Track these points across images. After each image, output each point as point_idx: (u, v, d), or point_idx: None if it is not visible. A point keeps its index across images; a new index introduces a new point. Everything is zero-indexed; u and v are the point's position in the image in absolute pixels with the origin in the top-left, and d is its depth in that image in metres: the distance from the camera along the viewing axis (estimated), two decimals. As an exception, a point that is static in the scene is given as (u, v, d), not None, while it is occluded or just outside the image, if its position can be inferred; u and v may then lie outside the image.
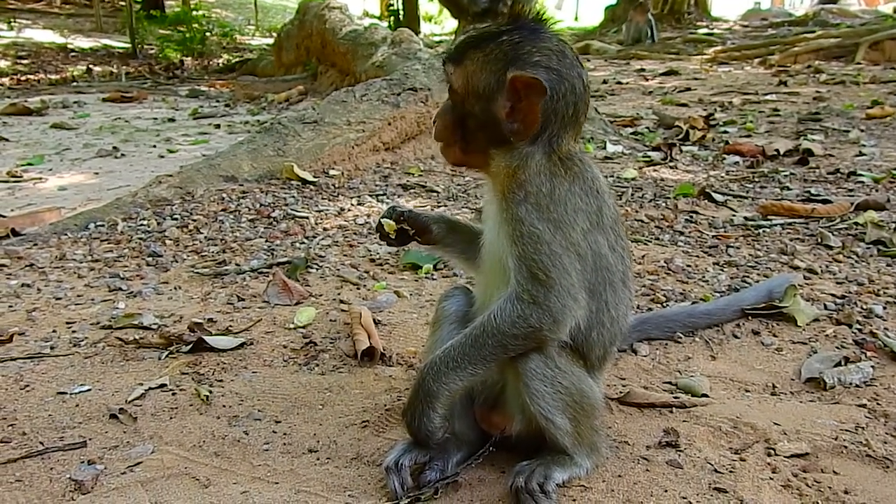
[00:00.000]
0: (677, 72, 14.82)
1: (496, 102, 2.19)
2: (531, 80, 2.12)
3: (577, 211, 2.21)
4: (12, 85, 16.91)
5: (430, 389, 2.23)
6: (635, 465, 2.45)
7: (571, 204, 2.21)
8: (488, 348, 2.19)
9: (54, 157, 8.79)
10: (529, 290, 2.15)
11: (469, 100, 2.24)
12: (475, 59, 2.22)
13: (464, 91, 2.25)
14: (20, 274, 4.32)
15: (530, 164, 2.20)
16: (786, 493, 2.31)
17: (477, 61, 2.21)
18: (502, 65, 2.17)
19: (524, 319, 2.15)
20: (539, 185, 2.19)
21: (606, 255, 2.29)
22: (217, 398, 2.93)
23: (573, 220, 2.20)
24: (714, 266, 4.26)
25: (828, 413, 2.77)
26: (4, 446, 2.61)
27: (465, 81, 2.24)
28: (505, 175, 2.23)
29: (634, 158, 7.13)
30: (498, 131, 2.21)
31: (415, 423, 2.28)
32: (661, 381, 3.05)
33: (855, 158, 6.89)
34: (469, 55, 2.24)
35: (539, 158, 2.21)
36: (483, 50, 2.21)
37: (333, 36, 13.08)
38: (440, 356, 2.24)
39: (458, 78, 2.26)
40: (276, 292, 3.87)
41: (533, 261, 2.14)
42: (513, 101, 2.16)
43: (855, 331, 3.44)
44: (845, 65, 14.43)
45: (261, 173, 6.05)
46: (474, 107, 2.23)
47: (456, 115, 2.30)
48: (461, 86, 2.25)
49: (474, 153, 2.31)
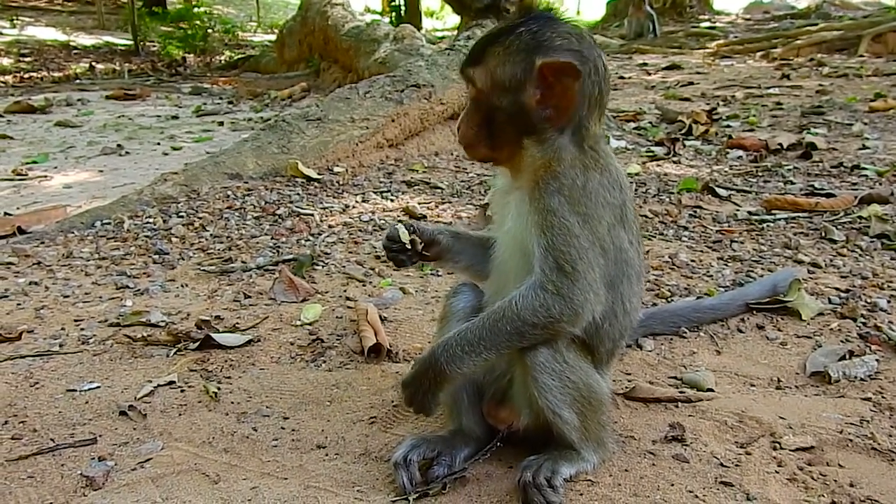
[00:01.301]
0: (680, 66, 14.80)
1: (525, 92, 2.19)
2: (563, 64, 2.13)
3: (606, 205, 2.24)
4: (15, 83, 16.91)
5: (441, 369, 2.23)
6: (642, 459, 2.47)
7: (601, 198, 2.23)
8: (505, 334, 2.19)
9: (59, 154, 8.81)
10: (554, 280, 2.16)
11: (495, 95, 2.23)
12: (496, 53, 2.22)
13: (489, 88, 2.24)
14: (28, 272, 4.34)
15: (564, 155, 2.22)
16: (792, 487, 2.33)
17: (499, 55, 2.21)
18: (526, 54, 2.17)
19: (546, 309, 2.16)
20: (573, 177, 2.21)
21: (627, 250, 2.32)
22: (225, 395, 2.95)
23: (601, 214, 2.23)
24: (718, 261, 4.27)
25: (833, 407, 2.79)
26: (16, 443, 2.63)
27: (490, 77, 2.23)
28: (538, 166, 2.23)
29: (637, 153, 7.13)
30: (528, 122, 2.22)
31: (417, 396, 2.29)
32: (666, 375, 3.07)
33: (858, 152, 6.89)
34: (489, 52, 2.24)
35: (572, 149, 2.24)
36: (503, 44, 2.21)
37: (336, 32, 13.08)
38: (455, 337, 2.24)
39: (481, 77, 2.25)
40: (282, 289, 3.89)
41: (561, 252, 2.16)
42: (543, 88, 2.17)
43: (859, 324, 3.45)
44: (848, 57, 14.41)
45: (265, 171, 6.07)
46: (502, 101, 2.22)
47: (482, 114, 2.28)
48: (486, 83, 2.24)
49: (503, 148, 2.30)
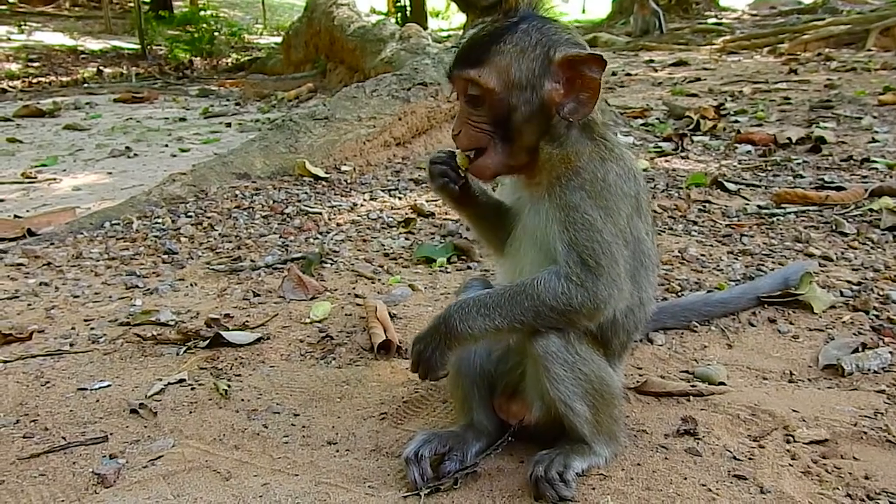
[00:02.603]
0: (686, 62, 14.76)
1: (543, 88, 2.16)
2: (588, 56, 2.12)
3: (624, 196, 2.24)
4: (24, 87, 17.00)
5: (454, 326, 2.19)
6: (654, 453, 2.46)
7: (619, 189, 2.23)
8: (521, 308, 2.17)
9: (67, 157, 8.84)
10: (578, 273, 2.15)
11: (511, 94, 2.17)
12: (506, 52, 2.16)
13: (502, 87, 2.17)
14: (38, 273, 4.36)
15: (582, 149, 2.22)
16: (806, 480, 2.31)
17: (509, 54, 2.16)
18: (542, 49, 2.15)
19: (567, 298, 2.15)
20: (594, 171, 2.20)
21: (644, 241, 2.33)
22: (236, 392, 2.95)
23: (621, 206, 2.22)
24: (728, 255, 4.25)
25: (846, 399, 2.77)
26: (27, 441, 2.64)
27: (503, 77, 2.16)
28: (554, 163, 2.21)
29: (645, 149, 7.10)
30: (546, 118, 2.20)
31: (426, 353, 2.24)
32: (677, 369, 3.05)
33: (868, 145, 6.85)
34: (495, 51, 2.17)
35: (587, 142, 2.23)
36: (510, 42, 2.16)
37: (342, 33, 13.09)
38: (472, 300, 2.22)
39: (490, 77, 2.16)
40: (291, 287, 3.89)
41: (584, 248, 2.15)
42: (564, 82, 2.16)
43: (872, 317, 3.42)
44: (856, 52, 14.34)
45: (273, 170, 6.08)
46: (518, 99, 2.18)
47: (492, 114, 2.21)
48: (497, 83, 2.16)
49: (520, 151, 2.24)
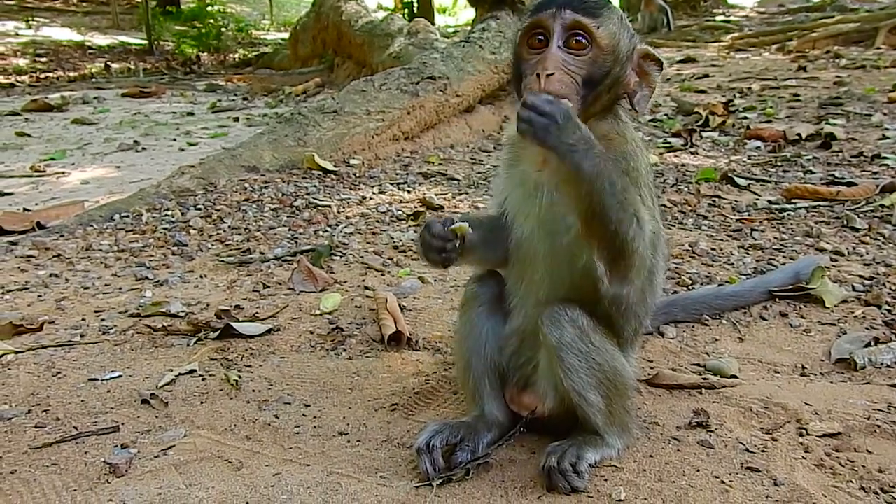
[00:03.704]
0: (695, 59, 14.70)
1: (625, 71, 2.21)
2: (657, 56, 2.24)
3: (650, 185, 2.29)
4: (32, 82, 17.02)
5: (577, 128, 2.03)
6: (666, 445, 2.45)
7: (649, 178, 2.29)
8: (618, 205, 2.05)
9: (76, 151, 8.85)
10: None
11: (610, 59, 2.17)
12: (614, 19, 2.19)
13: (608, 49, 2.16)
14: (48, 264, 4.36)
15: (632, 134, 2.26)
16: (819, 473, 2.30)
17: (616, 23, 2.19)
18: (630, 35, 2.22)
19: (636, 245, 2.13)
20: (637, 156, 2.24)
21: (658, 224, 2.33)
22: (246, 383, 2.95)
23: (650, 195, 2.27)
24: (739, 249, 4.24)
25: (859, 393, 2.75)
26: (39, 431, 2.64)
27: (611, 40, 2.17)
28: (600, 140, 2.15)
29: (654, 145, 7.09)
30: (614, 98, 2.25)
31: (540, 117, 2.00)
32: (688, 363, 3.04)
33: (878, 142, 6.81)
34: (608, 14, 2.18)
35: (627, 129, 2.27)
36: (616, 13, 2.20)
37: (349, 27, 13.06)
38: None
39: (603, 34, 2.15)
40: (301, 279, 3.89)
41: None
42: (637, 72, 2.23)
43: (884, 311, 3.41)
44: (865, 49, 14.26)
45: (282, 163, 6.07)
46: (613, 66, 2.18)
47: (590, 69, 2.15)
48: (607, 43, 2.15)
49: (583, 115, 2.15)
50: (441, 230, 2.30)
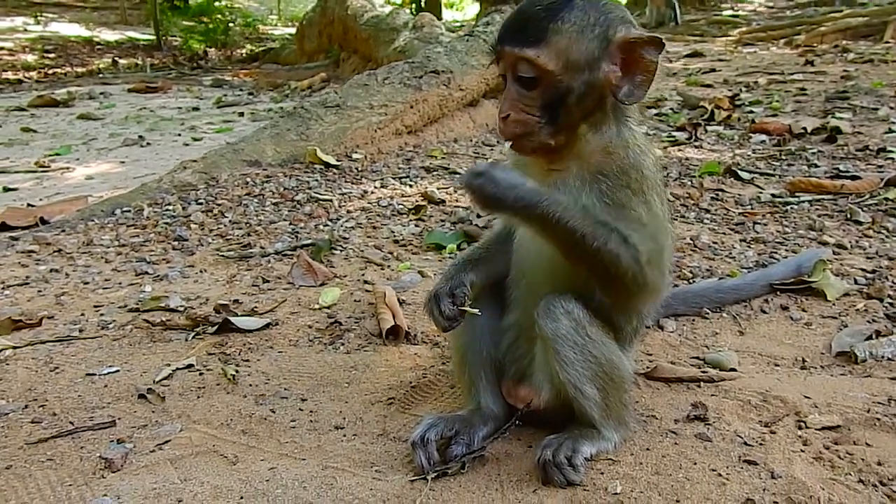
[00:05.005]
0: (702, 53, 14.65)
1: (600, 70, 2.09)
2: (649, 38, 2.07)
3: (658, 186, 2.24)
4: (39, 78, 17.09)
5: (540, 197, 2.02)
6: (663, 438, 2.43)
7: (655, 181, 2.22)
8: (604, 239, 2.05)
9: (81, 147, 8.88)
10: None
11: (568, 75, 2.08)
12: (565, 31, 2.06)
13: (561, 69, 2.06)
14: (48, 259, 4.37)
15: (634, 138, 2.19)
16: (817, 466, 2.28)
17: (569, 33, 2.06)
18: (601, 29, 2.07)
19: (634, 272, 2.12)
20: (638, 167, 2.17)
21: (665, 224, 2.31)
22: (243, 377, 2.94)
23: (659, 196, 2.23)
24: (741, 243, 4.22)
25: (859, 386, 2.73)
26: (36, 426, 2.64)
27: (563, 57, 2.06)
28: (594, 151, 2.16)
29: (659, 138, 7.07)
30: (596, 100, 2.13)
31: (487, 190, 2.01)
32: (688, 356, 3.03)
33: (884, 135, 6.77)
34: (555, 30, 2.06)
35: (624, 131, 2.19)
36: (568, 20, 2.06)
37: (355, 22, 13.08)
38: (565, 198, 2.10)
39: (549, 58, 2.05)
40: (300, 274, 3.88)
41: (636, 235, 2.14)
42: (622, 64, 2.10)
43: (886, 305, 3.39)
44: (873, 44, 14.18)
45: (284, 158, 6.07)
46: (574, 81, 2.08)
47: (545, 97, 2.10)
48: (556, 65, 2.06)
49: (561, 134, 2.13)
50: (451, 312, 2.30)
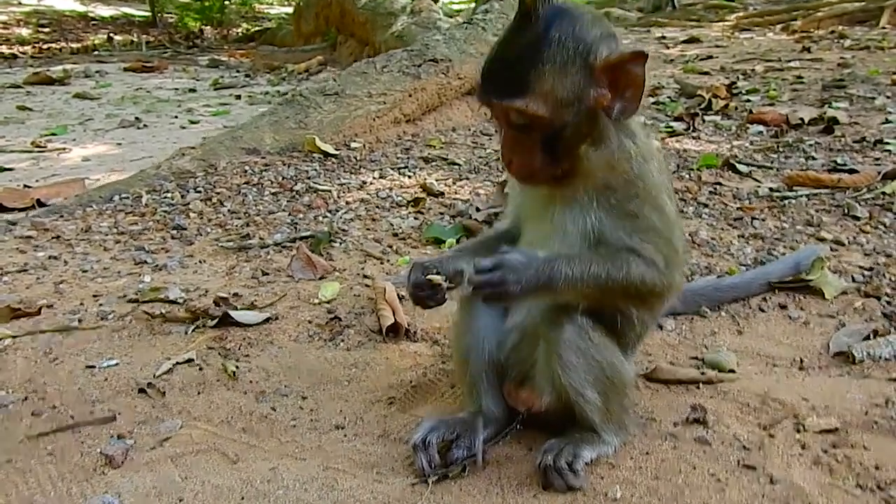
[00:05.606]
0: (699, 39, 14.57)
1: (589, 97, 2.06)
2: (631, 54, 2.04)
3: (666, 188, 2.26)
4: (34, 54, 17.00)
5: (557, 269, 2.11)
6: (663, 442, 2.45)
7: (663, 185, 2.25)
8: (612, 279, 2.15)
9: (77, 127, 8.85)
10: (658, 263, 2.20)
11: (560, 114, 2.06)
12: (547, 73, 2.02)
13: (551, 111, 2.05)
14: (47, 246, 4.36)
15: (624, 152, 2.17)
16: (816, 470, 2.30)
17: (551, 75, 2.02)
18: (581, 59, 2.03)
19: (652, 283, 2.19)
20: (643, 176, 2.18)
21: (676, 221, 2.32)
22: (244, 373, 2.95)
23: (668, 199, 2.25)
24: (739, 238, 4.22)
25: (857, 387, 2.75)
26: (36, 419, 2.65)
27: (551, 100, 2.04)
28: (600, 167, 2.15)
29: (656, 129, 7.05)
30: (595, 125, 2.11)
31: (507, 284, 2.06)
32: (687, 356, 3.04)
33: (881, 126, 6.75)
34: (537, 75, 2.03)
35: (626, 141, 2.17)
36: (548, 60, 2.02)
37: (352, 5, 12.99)
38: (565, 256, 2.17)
39: (538, 105, 2.04)
40: (300, 266, 3.88)
41: (655, 244, 2.19)
42: (610, 85, 2.06)
43: (884, 303, 3.39)
44: (870, 29, 14.13)
45: (283, 146, 6.05)
46: (567, 116, 2.06)
47: (543, 137, 2.10)
48: (546, 109, 2.04)
49: (566, 159, 2.14)
50: (418, 280, 2.37)
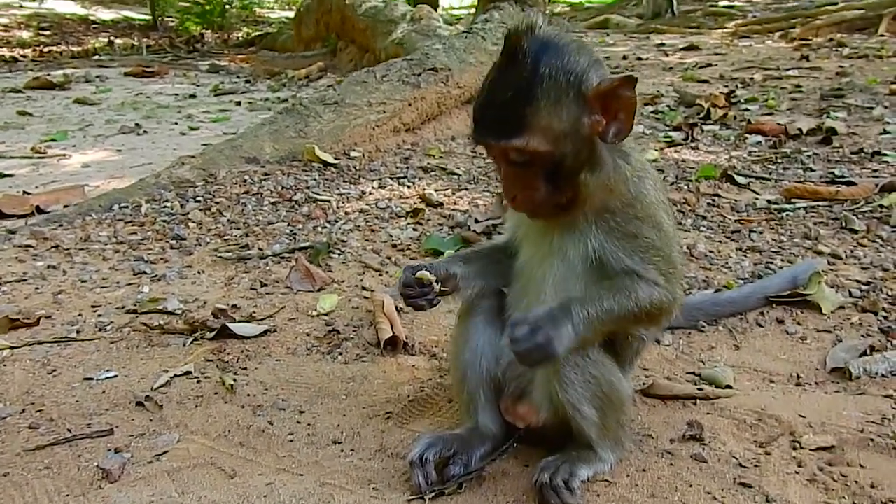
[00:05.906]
0: (698, 46, 14.60)
1: (583, 126, 2.07)
2: (619, 82, 2.04)
3: (663, 204, 2.30)
4: (35, 57, 17.01)
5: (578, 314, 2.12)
6: (659, 459, 2.46)
7: (660, 202, 2.28)
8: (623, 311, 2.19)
9: (77, 132, 8.85)
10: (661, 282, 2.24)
11: (557, 146, 2.06)
12: (542, 110, 2.03)
13: (549, 145, 2.05)
14: (46, 255, 4.36)
15: (620, 174, 2.19)
16: (811, 488, 2.30)
17: (546, 110, 2.03)
18: (573, 90, 2.04)
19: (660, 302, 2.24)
20: (640, 196, 2.22)
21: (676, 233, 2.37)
22: (241, 386, 2.95)
23: (665, 215, 2.28)
24: (737, 252, 4.22)
25: (853, 404, 2.75)
26: (33, 432, 2.65)
27: (549, 136, 2.05)
28: (598, 192, 2.16)
29: (655, 139, 7.05)
30: (589, 150, 2.11)
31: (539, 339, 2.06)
32: (684, 371, 3.04)
33: (879, 137, 6.75)
34: (532, 113, 2.03)
35: (620, 163, 2.19)
36: (542, 97, 2.02)
37: (353, 12, 13.00)
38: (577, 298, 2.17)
39: (537, 142, 2.04)
40: (298, 278, 3.88)
41: (655, 263, 2.22)
42: (601, 111, 2.07)
43: (881, 318, 3.40)
44: (868, 37, 14.17)
45: (282, 155, 6.04)
46: (565, 147, 2.07)
47: (544, 171, 2.11)
48: (544, 144, 2.05)
49: (567, 187, 2.14)
50: (408, 279, 2.36)
